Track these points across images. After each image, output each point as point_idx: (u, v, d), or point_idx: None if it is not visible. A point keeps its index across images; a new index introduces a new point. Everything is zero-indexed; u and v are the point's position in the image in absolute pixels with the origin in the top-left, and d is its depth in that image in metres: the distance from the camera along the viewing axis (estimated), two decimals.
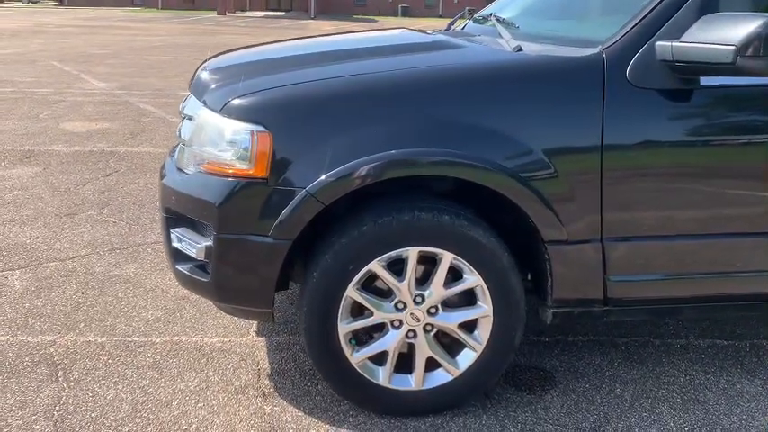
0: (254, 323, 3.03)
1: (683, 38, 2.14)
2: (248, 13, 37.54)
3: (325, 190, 2.11)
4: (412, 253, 2.23)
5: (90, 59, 13.30)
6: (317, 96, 2.21)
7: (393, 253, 2.22)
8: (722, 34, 2.04)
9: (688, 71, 2.16)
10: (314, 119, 2.17)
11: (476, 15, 3.02)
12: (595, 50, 2.24)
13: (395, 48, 2.83)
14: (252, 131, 2.15)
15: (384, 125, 2.15)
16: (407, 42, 2.91)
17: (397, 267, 2.26)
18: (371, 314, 2.29)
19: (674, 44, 2.14)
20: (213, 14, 35.11)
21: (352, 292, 2.24)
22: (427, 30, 3.04)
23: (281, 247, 2.17)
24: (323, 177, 2.10)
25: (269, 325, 3.02)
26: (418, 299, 2.29)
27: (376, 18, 36.90)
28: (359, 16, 38.08)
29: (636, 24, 2.24)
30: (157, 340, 2.87)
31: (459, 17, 3.18)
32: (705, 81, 2.22)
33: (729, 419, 2.45)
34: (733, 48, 2.01)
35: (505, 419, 2.41)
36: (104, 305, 3.16)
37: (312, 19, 34.06)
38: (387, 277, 2.25)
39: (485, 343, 2.35)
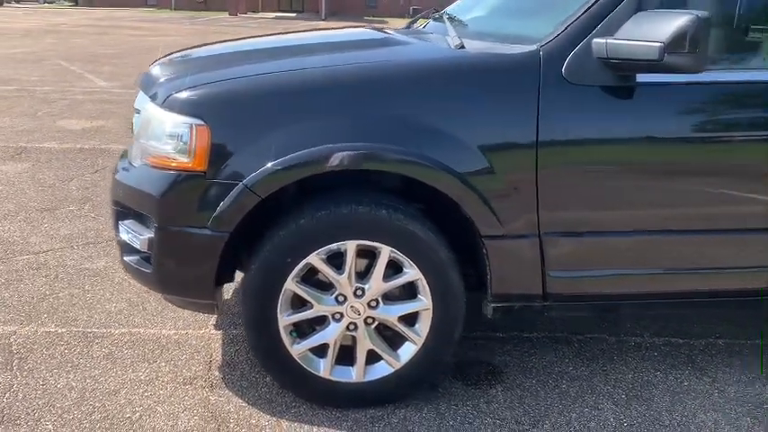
0: (214, 316, 3.07)
1: (617, 35, 2.16)
2: (260, 14, 37.74)
3: (261, 183, 2.15)
4: (350, 246, 2.26)
5: (96, 59, 13.44)
6: (255, 91, 2.25)
7: (331, 246, 2.26)
8: (652, 31, 2.06)
9: (621, 68, 2.17)
10: (251, 113, 2.22)
11: (435, 14, 3.05)
12: (533, 48, 2.26)
13: (340, 44, 2.87)
14: (191, 125, 2.20)
15: (319, 120, 2.18)
16: (354, 39, 2.95)
17: (338, 261, 2.30)
18: (312, 307, 2.33)
19: (608, 41, 2.16)
20: (225, 15, 35.30)
21: (291, 285, 2.28)
22: (391, 29, 3.07)
23: (219, 240, 2.21)
24: (259, 171, 2.14)
25: (228, 318, 3.07)
26: (359, 292, 2.32)
27: (387, 19, 36.96)
28: (370, 18, 38.15)
29: (573, 22, 2.25)
30: (116, 332, 2.93)
31: (422, 16, 3.20)
32: (641, 78, 2.23)
33: (670, 416, 2.46)
34: (660, 45, 2.02)
35: (446, 412, 2.44)
36: (70, 297, 3.23)
37: (323, 20, 34.18)
38: (326, 270, 2.29)
39: (425, 336, 2.38)
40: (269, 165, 2.13)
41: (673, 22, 2.01)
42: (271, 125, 2.19)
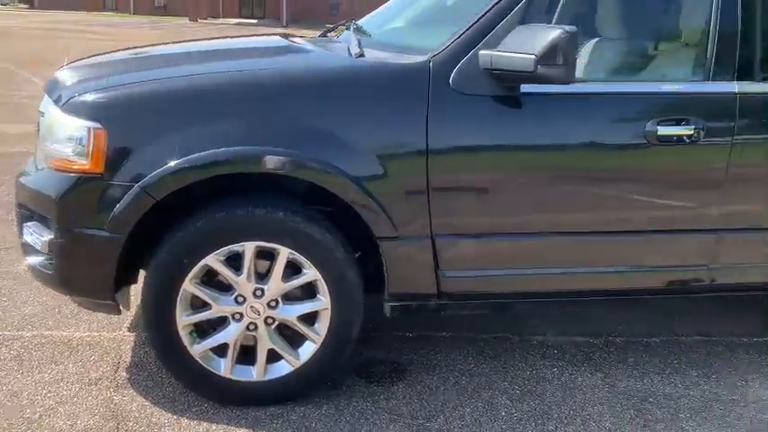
0: (129, 318, 3.10)
1: (499, 47, 2.28)
2: (221, 20, 37.56)
3: (156, 185, 2.21)
4: (248, 248, 2.33)
5: (47, 63, 13.22)
6: (151, 96, 2.32)
7: (230, 248, 2.32)
8: (528, 44, 2.19)
9: (503, 78, 2.29)
10: (147, 117, 2.28)
11: (349, 24, 3.15)
12: (424, 58, 2.37)
13: (243, 51, 2.95)
14: (89, 128, 2.25)
15: (211, 125, 2.25)
16: (257, 47, 3.03)
17: (238, 262, 2.37)
18: (210, 307, 2.39)
19: (491, 53, 2.28)
20: (185, 20, 35.05)
21: (189, 286, 2.34)
22: (302, 38, 3.16)
23: (116, 241, 2.26)
24: (153, 173, 2.20)
25: (142, 320, 3.10)
26: (258, 292, 2.39)
27: None
28: (332, 24, 38.23)
29: (461, 35, 2.37)
30: (27, 334, 2.94)
31: (341, 25, 3.29)
32: (526, 88, 2.36)
33: (559, 409, 2.58)
34: (533, 57, 2.15)
35: (345, 409, 2.52)
36: None
37: (284, 27, 34.16)
38: (224, 271, 2.35)
39: (324, 335, 2.46)
40: (162, 168, 2.19)
41: (545, 36, 2.15)
42: (165, 129, 2.25)
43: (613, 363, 2.94)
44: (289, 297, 2.45)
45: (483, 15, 2.38)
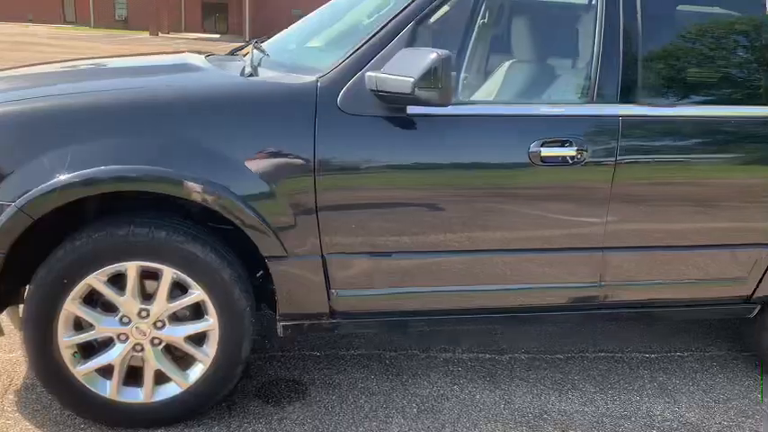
0: None
1: (383, 69, 2.31)
2: (182, 35, 37.33)
3: (33, 205, 2.17)
4: (131, 268, 2.30)
5: None
6: (30, 114, 2.28)
7: (111, 267, 2.29)
8: (408, 67, 2.22)
9: (388, 100, 2.32)
10: (27, 135, 2.24)
11: (256, 43, 3.15)
12: (312, 78, 2.39)
13: (140, 69, 2.93)
14: None
15: (95, 143, 2.23)
16: (155, 65, 3.02)
17: (123, 282, 2.34)
18: (93, 328, 2.35)
19: (377, 75, 2.31)
20: (146, 35, 34.75)
21: (71, 306, 2.29)
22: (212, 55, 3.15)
23: None
24: (29, 192, 2.17)
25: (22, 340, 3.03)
26: (143, 313, 2.36)
27: None
28: None
29: (349, 56, 2.40)
30: None
31: (249, 44, 3.29)
32: (413, 109, 2.39)
33: (453, 427, 2.59)
34: (412, 79, 2.18)
35: (236, 430, 2.50)
36: None
37: (246, 42, 34.07)
38: (107, 292, 2.32)
39: (213, 355, 2.44)
40: (38, 187, 2.16)
41: (423, 60, 2.18)
42: (44, 148, 2.22)
43: (515, 379, 2.98)
44: (178, 317, 2.43)
45: (371, 38, 2.41)
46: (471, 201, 2.49)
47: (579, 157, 2.48)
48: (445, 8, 2.57)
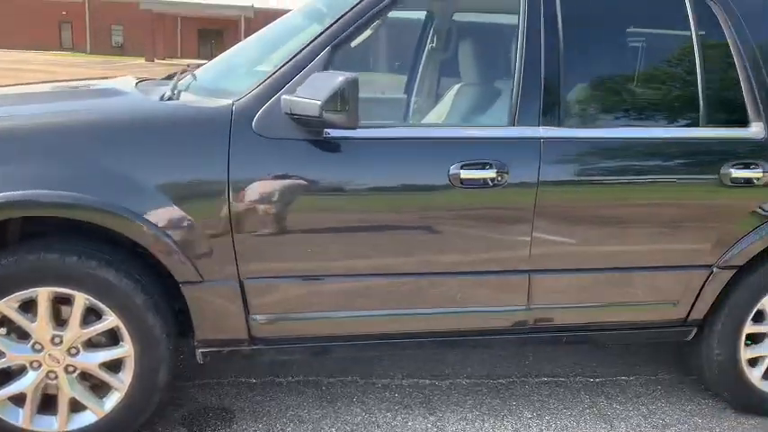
0: None
1: (296, 93, 2.30)
2: (177, 61, 37.70)
3: None
4: (42, 294, 2.27)
5: None
6: None
7: (22, 293, 2.26)
8: (317, 91, 2.21)
9: (302, 123, 2.31)
10: None
11: (190, 67, 3.15)
12: (228, 102, 2.38)
13: (66, 94, 2.92)
14: None
15: (8, 167, 2.20)
16: (82, 89, 3.01)
17: (35, 308, 2.31)
18: (3, 355, 2.32)
19: (291, 98, 2.30)
20: (142, 60, 35.07)
21: None
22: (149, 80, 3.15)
23: None
24: None
25: None
26: (56, 340, 2.33)
27: None
28: None
29: (265, 80, 2.39)
30: None
31: (188, 68, 3.26)
32: (332, 132, 2.37)
33: None
34: (319, 102, 2.17)
35: None
36: None
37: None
38: (17, 318, 2.28)
39: (129, 382, 2.40)
40: None
41: (330, 83, 2.17)
42: None
43: (451, 405, 2.92)
44: (94, 344, 2.39)
45: (288, 62, 2.40)
46: (392, 224, 2.46)
47: (500, 179, 2.46)
48: (367, 32, 2.57)
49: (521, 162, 2.49)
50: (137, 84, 2.88)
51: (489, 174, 2.45)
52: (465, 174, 2.44)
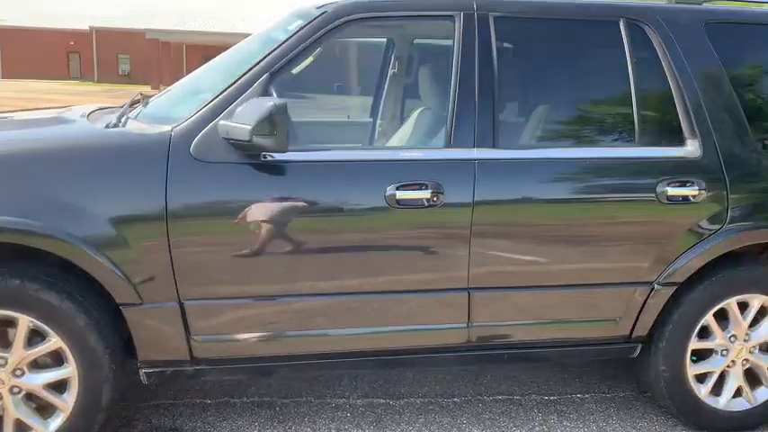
0: None
1: (232, 118, 2.38)
2: None
3: None
4: None
5: None
6: None
7: None
8: (249, 116, 2.29)
9: (238, 147, 2.38)
10: None
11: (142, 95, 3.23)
12: (167, 128, 2.46)
13: (21, 122, 3.02)
14: None
15: None
16: (36, 118, 3.11)
17: None
18: None
19: (226, 123, 2.38)
20: (148, 88, 35.55)
21: None
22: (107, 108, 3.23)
23: None
24: None
25: None
26: (1, 361, 2.39)
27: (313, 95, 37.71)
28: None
29: (204, 106, 2.47)
30: None
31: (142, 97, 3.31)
32: (271, 156, 2.43)
33: None
34: (248, 127, 2.25)
35: None
36: None
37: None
38: None
39: (73, 403, 2.45)
40: None
41: (260, 108, 2.26)
42: None
43: (402, 424, 2.95)
44: (40, 365, 2.45)
45: (227, 89, 2.49)
46: (332, 245, 2.52)
47: (435, 199, 2.52)
48: (308, 59, 2.66)
49: (456, 183, 2.55)
50: (91, 112, 2.97)
51: (425, 194, 2.51)
52: (401, 194, 2.50)
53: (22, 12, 43.91)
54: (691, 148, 2.74)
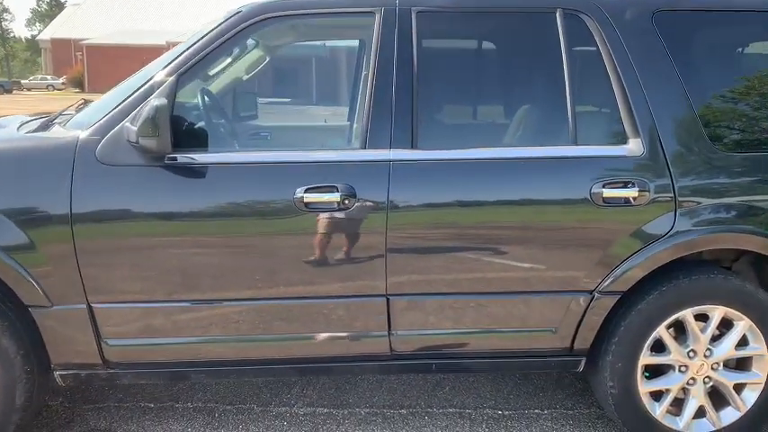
0: None
1: (132, 120, 2.36)
2: None
3: None
4: None
5: None
6: None
7: None
8: (138, 117, 2.27)
9: (137, 150, 2.36)
10: None
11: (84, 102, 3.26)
12: (75, 133, 2.47)
13: None
14: None
15: None
16: None
17: None
18: None
19: (127, 126, 2.36)
20: None
21: None
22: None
23: None
24: None
25: None
26: None
27: None
28: None
29: (113, 109, 2.47)
30: None
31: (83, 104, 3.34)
32: (177, 157, 2.40)
33: None
34: (135, 129, 2.23)
35: None
36: None
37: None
38: None
39: None
40: None
41: (142, 109, 2.22)
42: None
43: None
44: None
45: (135, 92, 2.48)
46: (240, 249, 2.46)
47: (347, 202, 2.42)
48: (227, 60, 2.62)
49: (369, 185, 2.44)
50: (29, 120, 3.02)
51: (334, 197, 2.42)
52: (309, 197, 2.41)
53: (103, 30, 46.52)
54: (632, 147, 2.52)
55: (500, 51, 2.66)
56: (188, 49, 2.51)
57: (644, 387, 2.67)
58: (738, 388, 2.71)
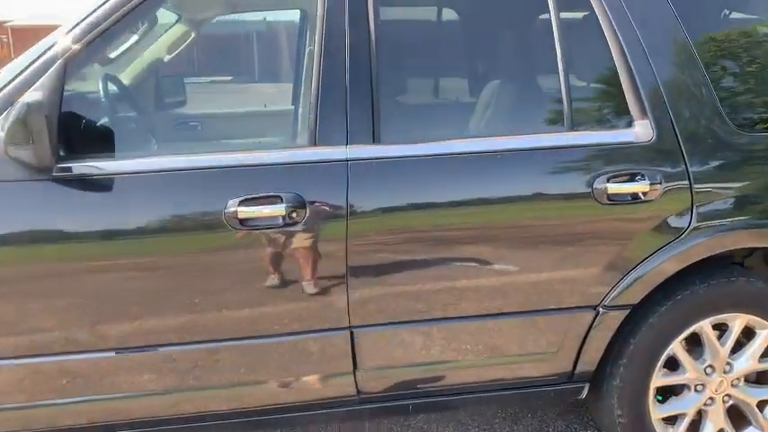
0: None
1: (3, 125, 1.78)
2: None
3: None
4: None
5: None
6: None
7: None
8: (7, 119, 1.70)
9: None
10: None
11: None
12: None
13: None
14: None
15: None
16: None
17: None
18: None
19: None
20: None
21: None
22: None
23: None
24: None
25: None
26: None
27: None
28: None
29: None
30: None
31: None
32: (68, 169, 1.84)
33: None
34: (1, 135, 1.66)
35: None
36: None
37: None
38: None
39: None
40: None
41: (13, 109, 1.66)
42: None
43: None
44: None
45: (9, 82, 1.88)
46: (163, 282, 1.93)
47: (294, 216, 1.91)
48: (132, 38, 2.06)
49: (322, 193, 1.93)
50: None
51: (279, 210, 1.90)
52: (245, 212, 1.89)
53: (26, 11, 44.04)
54: (640, 131, 2.08)
55: (478, 20, 2.15)
56: (81, 21, 1.91)
57: (657, 413, 2.27)
58: (762, 405, 2.34)
